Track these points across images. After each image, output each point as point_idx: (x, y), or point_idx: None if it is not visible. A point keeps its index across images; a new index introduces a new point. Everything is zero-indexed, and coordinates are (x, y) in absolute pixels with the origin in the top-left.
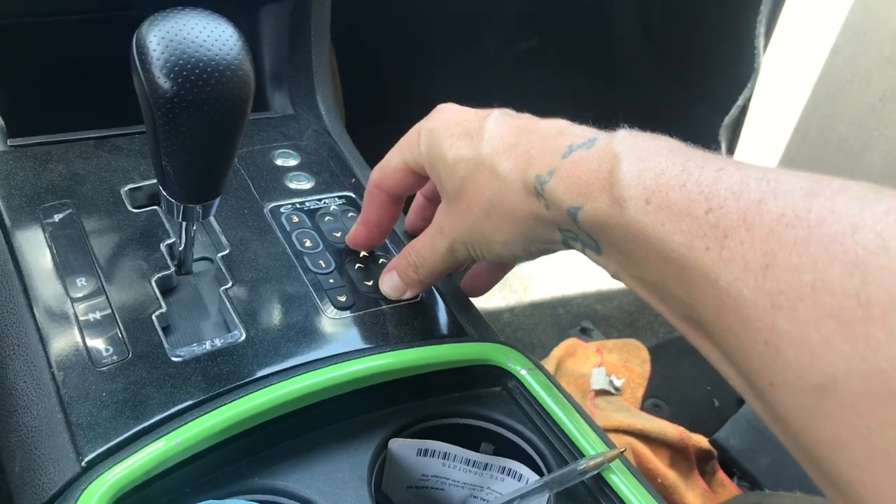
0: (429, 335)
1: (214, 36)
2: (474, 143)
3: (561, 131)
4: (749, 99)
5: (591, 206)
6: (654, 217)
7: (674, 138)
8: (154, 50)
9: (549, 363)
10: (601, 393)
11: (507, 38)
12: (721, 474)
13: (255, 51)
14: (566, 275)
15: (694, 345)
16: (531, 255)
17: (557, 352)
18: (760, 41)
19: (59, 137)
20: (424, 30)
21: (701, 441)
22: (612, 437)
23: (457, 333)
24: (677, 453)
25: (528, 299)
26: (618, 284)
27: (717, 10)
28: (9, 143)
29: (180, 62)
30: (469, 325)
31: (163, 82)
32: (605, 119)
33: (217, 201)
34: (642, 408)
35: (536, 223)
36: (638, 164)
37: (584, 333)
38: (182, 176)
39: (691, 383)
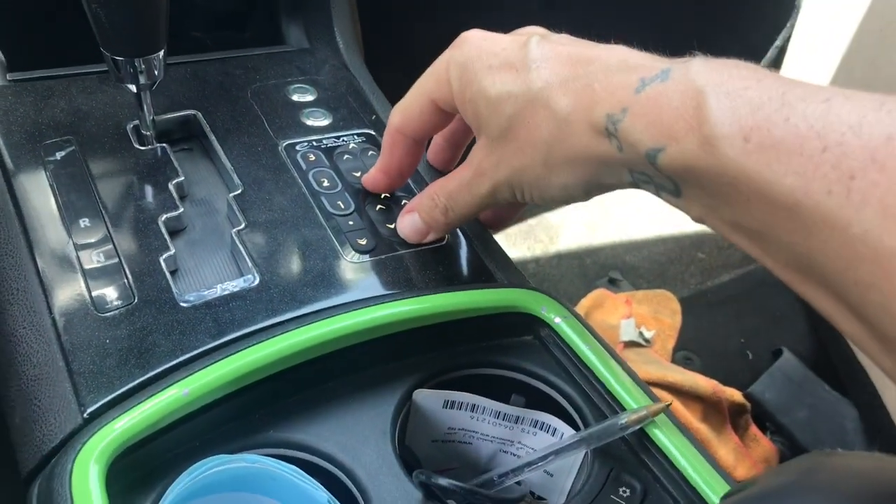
0: (455, 280)
1: None
2: (520, 75)
3: (625, 61)
4: (788, 40)
5: (675, 148)
6: (757, 157)
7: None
8: None
9: None
10: (630, 345)
11: None
12: (754, 429)
13: None
14: (593, 224)
15: (804, 296)
16: (590, 195)
17: (585, 302)
18: None
19: (62, 72)
20: None
21: (734, 395)
22: None
23: (485, 279)
24: (710, 407)
25: (553, 249)
26: (647, 234)
27: None
28: (8, 78)
29: None
30: (498, 269)
31: None
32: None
33: (160, 60)
34: (673, 360)
35: (604, 165)
36: (728, 99)
37: (613, 284)
38: (113, 18)
39: (724, 335)
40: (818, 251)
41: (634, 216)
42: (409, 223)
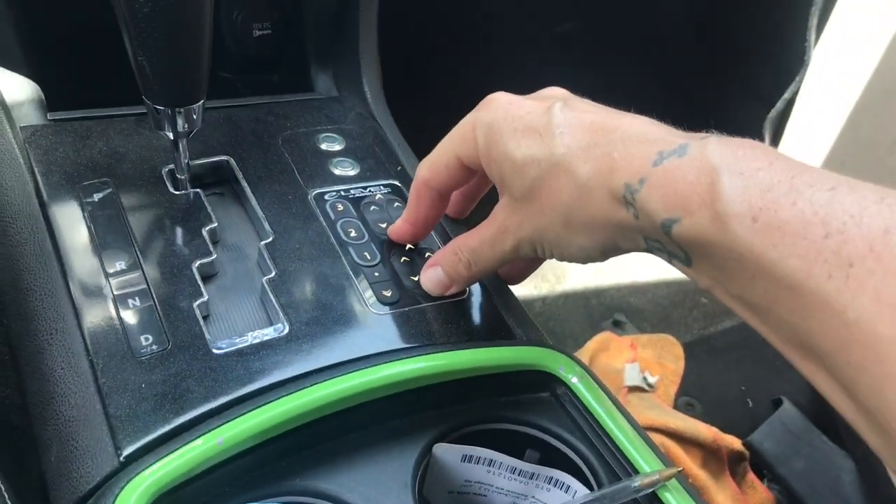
0: (475, 335)
1: None
2: (544, 140)
3: (645, 133)
4: (796, 93)
5: (688, 221)
6: (764, 237)
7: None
8: None
9: (583, 357)
10: (634, 389)
11: (545, 20)
12: (752, 476)
13: (299, 28)
14: (600, 266)
15: (801, 371)
16: (606, 257)
17: (591, 345)
18: (812, 33)
19: (101, 112)
20: (460, 7)
21: (734, 442)
22: None
23: (504, 334)
24: (709, 454)
25: (560, 289)
26: (652, 277)
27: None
28: (49, 117)
29: None
30: (517, 325)
31: None
32: (645, 105)
33: (199, 109)
34: (675, 406)
35: (621, 231)
36: (741, 179)
37: (617, 326)
38: (157, 68)
39: (725, 382)
40: (816, 331)
41: (640, 259)
42: (432, 277)
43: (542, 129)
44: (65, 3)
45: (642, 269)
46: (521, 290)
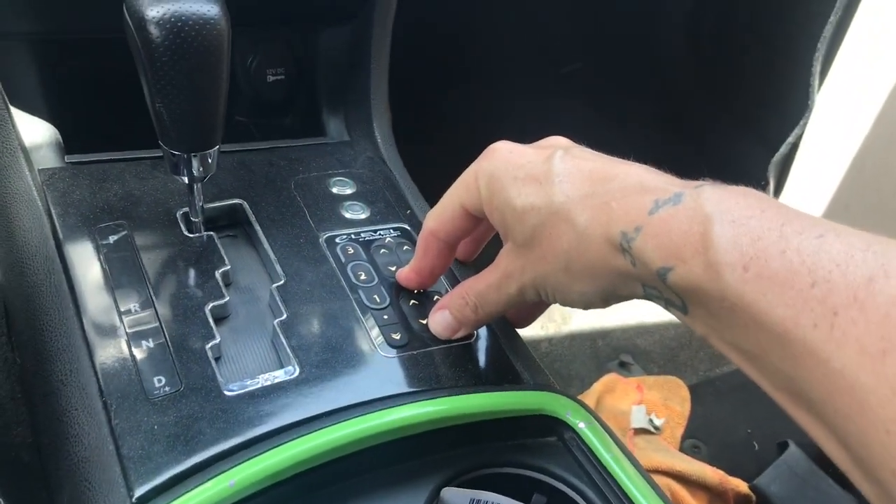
0: (483, 379)
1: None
2: (544, 189)
3: (642, 182)
4: (800, 136)
5: (682, 269)
6: (754, 286)
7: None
8: (144, 5)
9: (589, 398)
10: (640, 432)
11: (550, 61)
12: None
13: (312, 74)
14: None
15: (794, 418)
16: (608, 304)
17: (598, 387)
18: (816, 78)
19: (117, 156)
20: (466, 51)
21: (740, 485)
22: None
23: (512, 378)
24: (716, 497)
25: (566, 330)
26: (658, 318)
27: (771, 43)
28: (67, 160)
29: (166, 15)
30: (524, 369)
31: (152, 29)
32: (649, 146)
33: (214, 155)
34: (681, 448)
35: (619, 278)
36: (732, 228)
37: (623, 368)
38: (175, 115)
39: (731, 425)
40: (804, 379)
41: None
42: (440, 320)
43: (542, 178)
44: (83, 48)
45: (648, 310)
46: (527, 331)
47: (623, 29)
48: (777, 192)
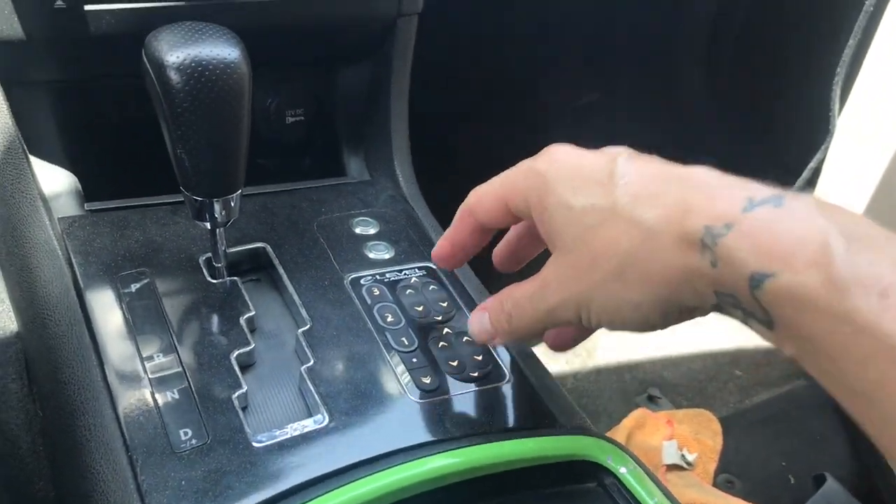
0: (518, 423)
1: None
2: (606, 189)
3: (724, 178)
4: (822, 162)
5: (789, 278)
6: (894, 315)
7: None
8: (164, 51)
9: (619, 435)
10: (673, 468)
11: (569, 92)
12: None
13: (331, 113)
14: (632, 338)
15: None
16: (666, 321)
17: (627, 423)
18: (836, 103)
19: (137, 202)
20: (485, 82)
21: None
22: None
23: (547, 421)
24: None
25: (592, 364)
26: (684, 349)
27: (789, 67)
28: (86, 208)
29: (186, 60)
30: (560, 412)
31: (172, 74)
32: None
33: (236, 199)
34: (714, 484)
35: (688, 282)
36: (861, 245)
37: (652, 402)
38: (196, 162)
39: (764, 458)
40: None
41: (671, 330)
42: (477, 321)
43: (604, 179)
44: (101, 94)
45: (674, 340)
46: (552, 367)
47: (640, 61)
48: None
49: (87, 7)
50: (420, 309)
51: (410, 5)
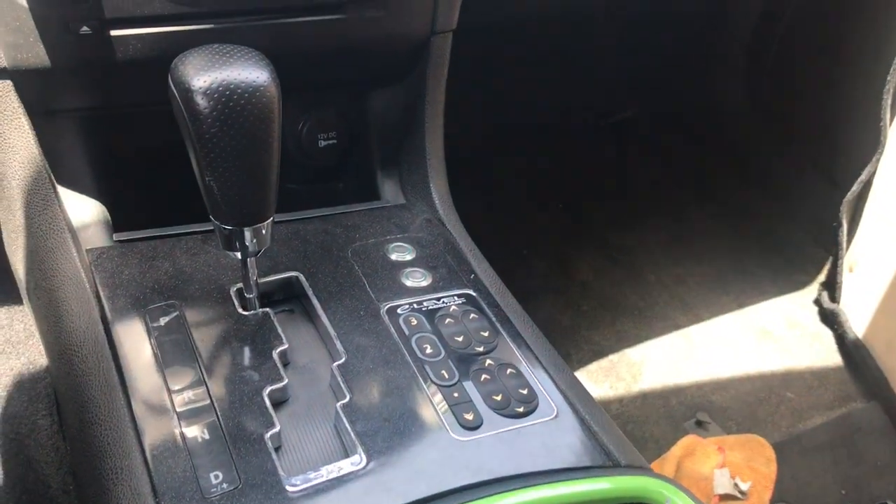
0: (568, 461)
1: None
2: None
3: None
4: (873, 174)
5: None
6: None
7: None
8: (190, 75)
9: (669, 463)
10: (726, 497)
11: (604, 109)
12: None
13: (364, 136)
14: (677, 360)
15: None
16: None
17: (676, 451)
18: (887, 114)
19: (166, 231)
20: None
21: None
22: None
23: (600, 458)
24: None
25: (637, 388)
26: (733, 371)
27: (835, 81)
28: (115, 238)
29: (214, 84)
30: (614, 448)
31: (199, 99)
32: (717, 188)
33: (268, 227)
34: None
35: None
36: None
37: (700, 427)
38: (225, 189)
39: (823, 486)
40: None
41: (718, 352)
42: None
43: None
44: (128, 122)
45: (722, 362)
46: (596, 391)
47: (678, 72)
48: (850, 233)
49: (113, 32)
50: (460, 339)
51: (445, 23)
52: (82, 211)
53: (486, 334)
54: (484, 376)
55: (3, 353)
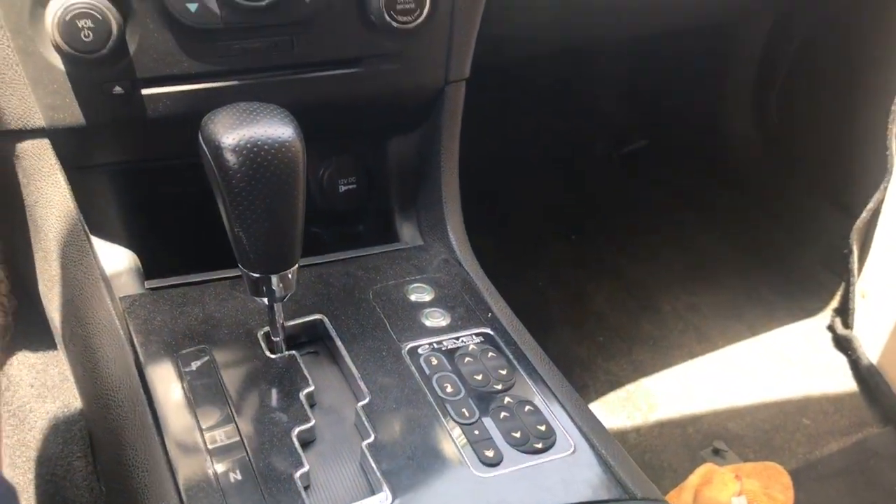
0: (586, 495)
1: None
2: None
3: None
4: (881, 202)
5: None
6: None
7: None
8: (220, 133)
9: (686, 493)
10: None
11: (615, 141)
12: None
13: (383, 180)
14: (692, 388)
15: None
16: None
17: (694, 480)
18: (892, 141)
19: (195, 278)
20: (533, 131)
21: None
22: None
23: (617, 493)
24: None
25: (654, 418)
26: (748, 399)
27: (841, 106)
28: (147, 286)
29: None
30: (630, 481)
31: (229, 156)
32: (725, 216)
33: (293, 274)
34: None
35: None
36: None
37: (717, 455)
38: (253, 240)
39: None
40: None
41: (734, 380)
42: None
43: None
44: (159, 174)
45: (737, 390)
46: (613, 421)
47: (685, 109)
48: (861, 259)
49: (145, 91)
50: (479, 378)
51: (458, 72)
52: (115, 260)
53: (504, 372)
54: (503, 414)
55: (39, 396)
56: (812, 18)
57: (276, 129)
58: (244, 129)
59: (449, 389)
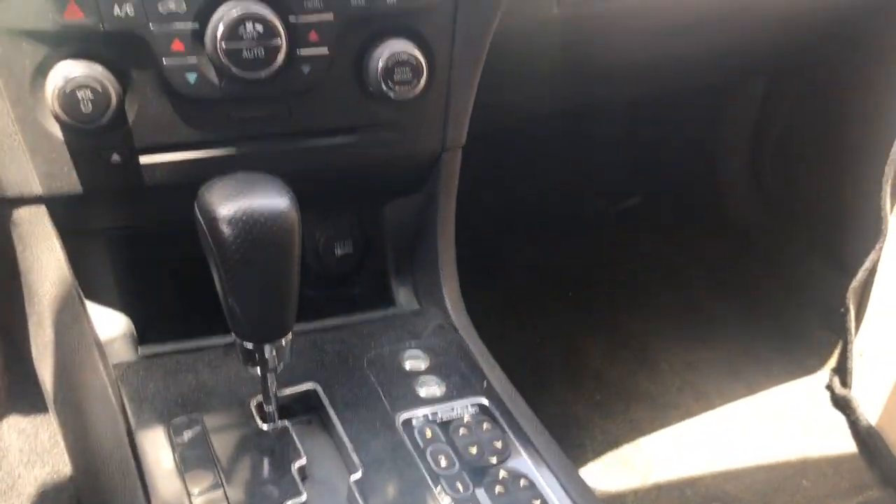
0: None
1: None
2: None
3: None
4: (877, 262)
5: None
6: None
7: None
8: (216, 203)
9: None
10: None
11: (609, 197)
12: None
13: (379, 246)
14: (689, 448)
15: None
16: None
17: None
18: (886, 203)
19: (189, 345)
20: (529, 189)
21: None
22: None
23: None
24: None
25: (652, 480)
26: (746, 460)
27: (834, 168)
28: (140, 352)
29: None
30: None
31: (224, 227)
32: (723, 273)
33: (287, 342)
34: None
35: None
36: None
37: None
38: (247, 310)
39: None
40: None
41: (731, 440)
42: None
43: None
44: (153, 242)
45: (735, 450)
46: (610, 483)
47: (679, 164)
48: (858, 319)
49: (142, 159)
50: (474, 451)
51: (454, 140)
52: (109, 325)
53: (499, 445)
54: (498, 489)
55: (28, 462)
56: (802, 80)
57: (272, 201)
58: (239, 201)
59: (443, 463)
